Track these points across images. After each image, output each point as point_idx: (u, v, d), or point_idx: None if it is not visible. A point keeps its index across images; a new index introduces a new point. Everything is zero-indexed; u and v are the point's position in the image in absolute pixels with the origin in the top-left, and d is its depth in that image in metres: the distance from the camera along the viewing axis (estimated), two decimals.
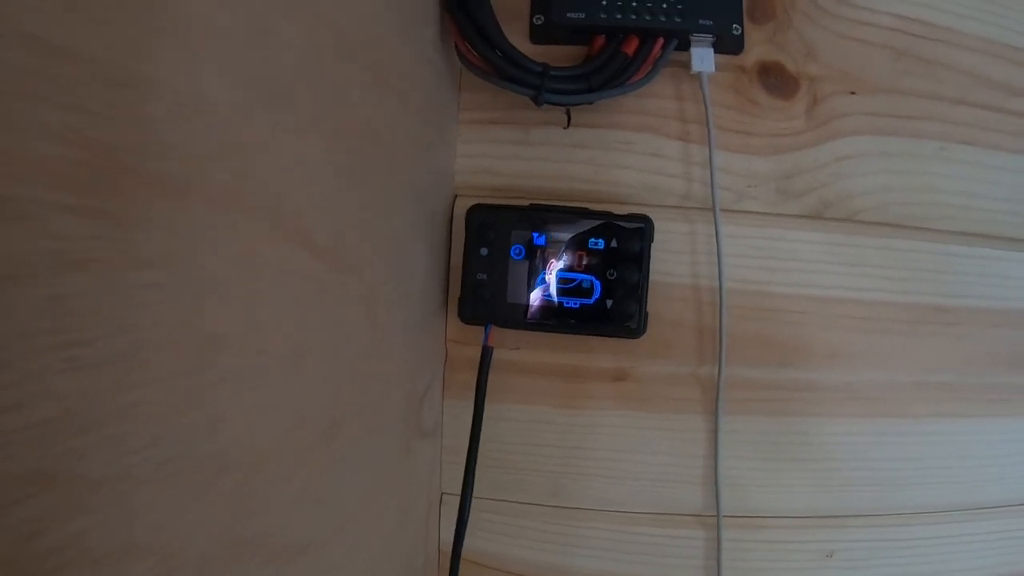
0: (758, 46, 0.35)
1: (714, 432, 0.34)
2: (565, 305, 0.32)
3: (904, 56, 0.36)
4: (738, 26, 0.34)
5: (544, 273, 0.32)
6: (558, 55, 0.34)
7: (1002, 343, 0.38)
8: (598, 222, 0.32)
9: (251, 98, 0.16)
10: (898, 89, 0.36)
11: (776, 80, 0.35)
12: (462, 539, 0.33)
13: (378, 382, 0.26)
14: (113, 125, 0.11)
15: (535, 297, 0.32)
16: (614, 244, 0.32)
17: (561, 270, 0.32)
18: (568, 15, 0.33)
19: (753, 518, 0.35)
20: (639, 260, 0.32)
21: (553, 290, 0.32)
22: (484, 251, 0.32)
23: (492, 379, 0.32)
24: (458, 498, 0.32)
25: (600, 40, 0.33)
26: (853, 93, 0.35)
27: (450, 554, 0.33)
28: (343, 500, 0.24)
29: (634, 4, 0.32)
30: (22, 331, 0.10)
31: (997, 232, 0.37)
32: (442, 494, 0.36)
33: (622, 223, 0.32)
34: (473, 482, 0.32)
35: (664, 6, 0.32)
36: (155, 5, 0.12)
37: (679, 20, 0.33)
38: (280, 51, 0.17)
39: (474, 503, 0.33)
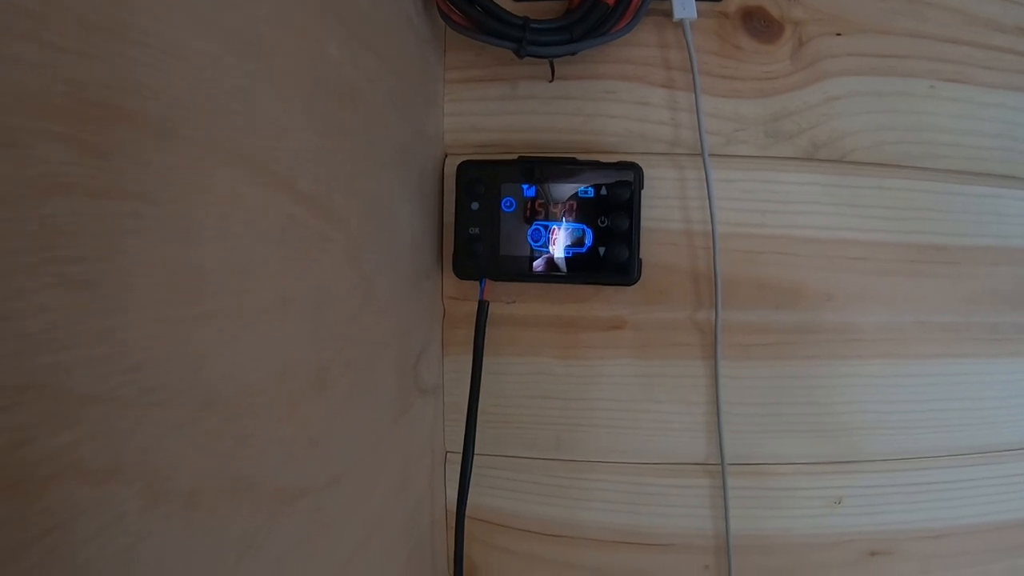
0: None
1: (714, 378, 0.36)
2: (558, 255, 0.34)
3: None
4: None
5: (536, 224, 0.34)
6: (540, 9, 0.36)
7: (1004, 281, 0.39)
8: (587, 171, 0.34)
9: (227, 48, 0.18)
10: (885, 29, 0.38)
11: (760, 24, 0.37)
12: (466, 497, 0.35)
13: (368, 336, 0.28)
14: (95, 64, 0.13)
15: (528, 248, 0.34)
16: (604, 192, 0.34)
17: (551, 219, 0.34)
18: None
19: (759, 464, 0.37)
20: (629, 207, 0.34)
21: (545, 240, 0.34)
22: (475, 206, 0.35)
23: (490, 333, 0.35)
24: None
25: None
26: (839, 34, 0.37)
27: (455, 513, 0.35)
28: (338, 451, 0.25)
29: None
30: (12, 248, 0.12)
31: (991, 170, 0.39)
32: (446, 453, 0.38)
33: (611, 171, 0.34)
34: (474, 438, 0.35)
35: None
36: None
37: None
38: (253, 3, 0.19)
39: (478, 460, 0.36)
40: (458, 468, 0.35)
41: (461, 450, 0.35)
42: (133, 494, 0.15)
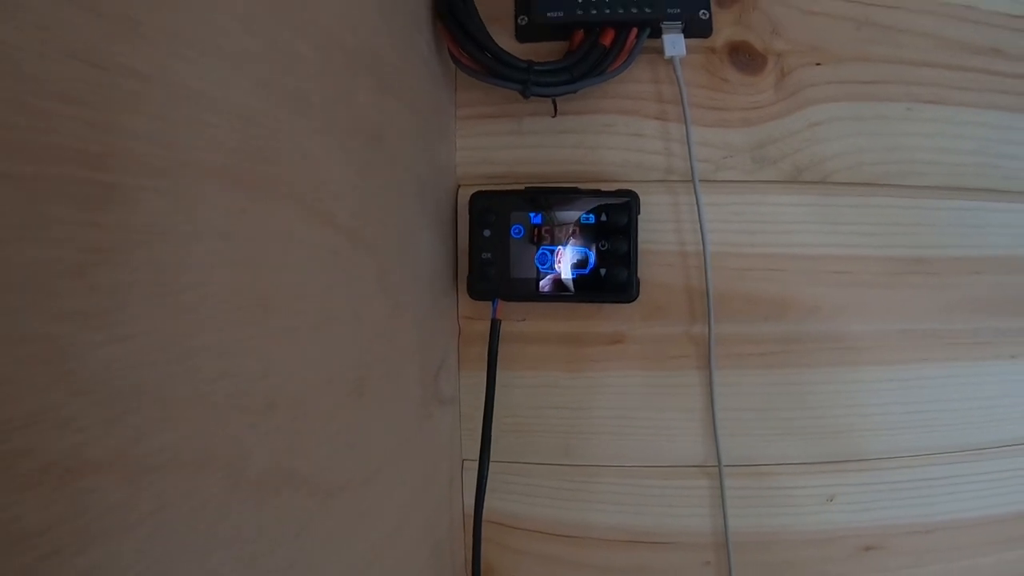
0: (726, 28, 0.40)
1: (709, 386, 0.39)
2: (564, 276, 0.38)
3: (865, 25, 0.42)
4: (706, 11, 0.40)
5: (542, 249, 0.38)
6: (542, 51, 0.40)
7: (982, 289, 0.42)
8: (588, 199, 0.38)
9: (278, 105, 0.22)
10: (862, 57, 0.41)
11: (745, 58, 0.40)
12: (482, 501, 0.39)
13: (395, 350, 0.32)
14: (185, 129, 0.17)
15: (536, 271, 0.38)
16: (604, 218, 0.38)
17: (557, 243, 0.38)
18: (548, 14, 0.39)
19: (753, 466, 0.40)
20: (627, 231, 0.38)
21: (551, 263, 0.38)
22: (487, 233, 0.38)
23: (502, 349, 0.38)
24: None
25: (579, 35, 0.39)
26: (818, 64, 0.41)
27: (472, 515, 0.39)
28: (372, 452, 0.29)
29: (607, 0, 0.38)
30: (131, 280, 0.15)
31: (968, 184, 0.42)
32: (463, 460, 0.41)
33: (610, 199, 0.38)
34: (490, 445, 0.38)
35: (633, 1, 0.38)
36: (183, 34, 0.18)
37: (649, 10, 0.38)
38: (298, 65, 0.23)
39: (493, 467, 0.39)
40: (474, 474, 0.39)
41: (477, 457, 0.38)
42: (218, 480, 0.18)
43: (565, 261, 0.38)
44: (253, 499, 0.20)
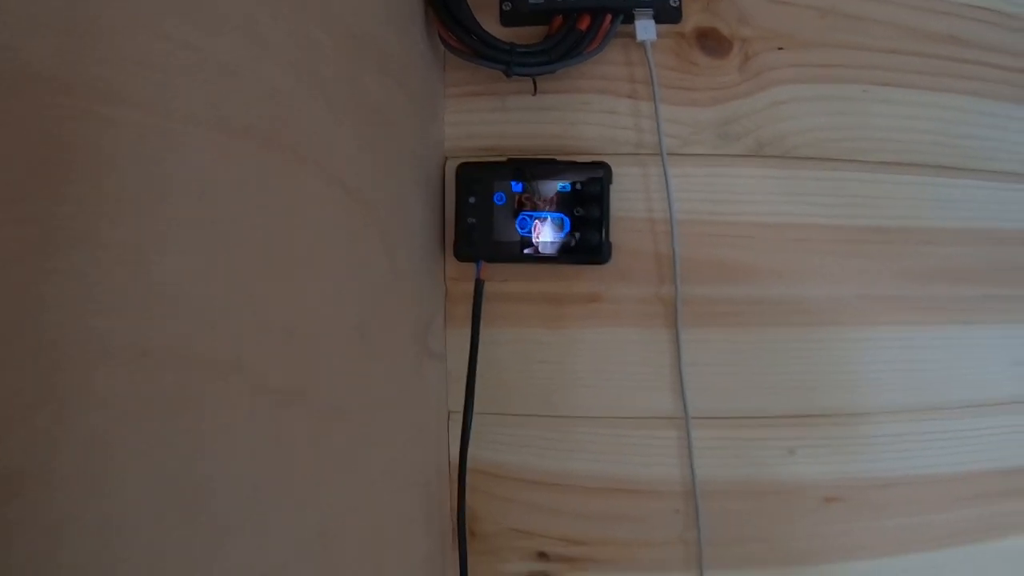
0: (695, 15, 0.44)
1: (676, 343, 0.43)
2: (542, 240, 0.42)
3: (829, 14, 0.45)
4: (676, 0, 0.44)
5: (523, 215, 0.42)
6: (524, 34, 0.43)
7: (937, 259, 0.46)
8: (565, 170, 0.42)
9: (306, 85, 0.26)
10: (823, 42, 0.45)
11: (712, 43, 0.44)
12: (467, 450, 0.42)
13: (391, 304, 0.36)
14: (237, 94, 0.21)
15: (517, 235, 0.42)
16: (579, 187, 0.42)
17: (536, 210, 0.42)
18: (530, 1, 0.43)
19: (719, 419, 0.44)
20: (600, 199, 0.41)
21: (531, 228, 0.42)
22: (472, 200, 0.42)
23: (486, 308, 0.42)
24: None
25: (558, 19, 0.43)
26: (781, 49, 0.44)
27: (458, 463, 0.42)
28: (371, 388, 0.33)
29: None
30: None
31: (923, 161, 0.46)
32: (449, 412, 0.45)
33: (585, 170, 0.41)
34: (473, 397, 0.42)
35: None
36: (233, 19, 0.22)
37: None
38: (320, 52, 0.27)
39: (478, 418, 0.43)
40: (460, 425, 0.42)
41: (462, 408, 0.42)
42: (241, 382, 0.22)
43: (544, 226, 0.42)
44: (271, 406, 0.24)
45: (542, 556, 0.46)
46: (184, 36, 0.19)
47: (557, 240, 0.41)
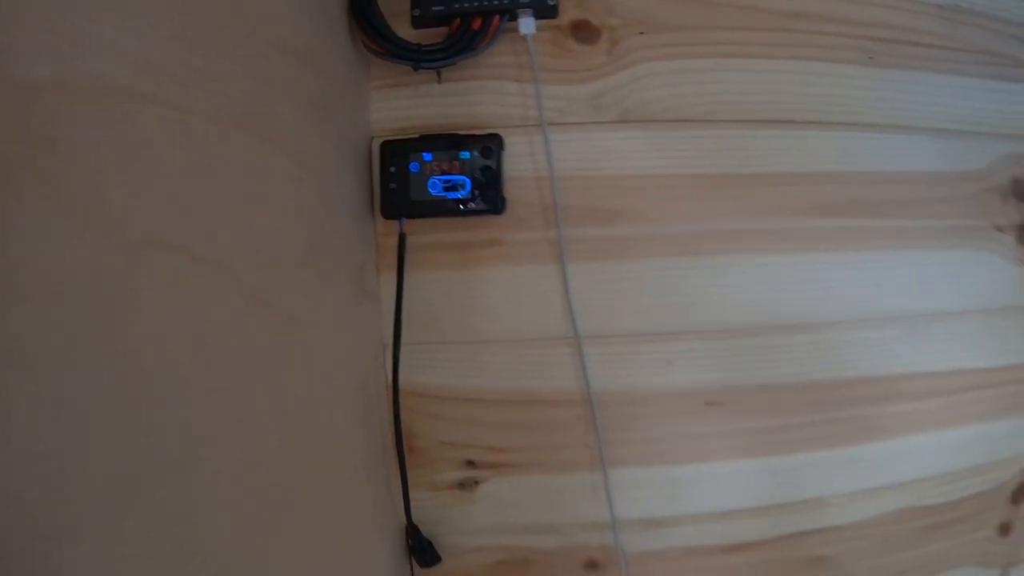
0: (570, 10, 0.54)
1: (563, 275, 0.53)
2: (449, 197, 0.52)
3: (684, 2, 0.55)
4: None
5: (433, 178, 0.52)
6: (432, 35, 0.54)
7: (786, 197, 0.55)
8: (466, 141, 0.52)
9: (265, 86, 0.36)
10: (679, 26, 0.55)
11: (584, 32, 0.54)
12: (398, 374, 0.52)
13: (331, 243, 0.46)
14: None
15: (429, 195, 0.52)
16: (477, 154, 0.52)
17: (444, 174, 0.52)
18: (433, 8, 0.53)
19: (604, 337, 0.54)
20: (495, 163, 0.51)
21: (440, 189, 0.52)
22: (393, 169, 0.52)
23: (408, 257, 0.52)
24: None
25: (456, 21, 0.53)
26: (642, 33, 0.55)
27: (392, 386, 0.53)
28: (316, 307, 0.43)
29: None
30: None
31: (768, 117, 0.55)
32: (384, 345, 0.55)
33: (482, 140, 0.52)
34: (401, 329, 0.52)
35: None
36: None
37: (508, 1, 0.53)
38: (271, 61, 0.38)
39: (406, 348, 0.53)
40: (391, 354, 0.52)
41: (392, 339, 0.52)
42: (226, 279, 0.32)
43: (451, 187, 0.52)
44: (244, 303, 0.34)
45: (470, 464, 0.56)
46: (189, 60, 0.30)
47: (462, 197, 0.52)
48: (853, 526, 0.62)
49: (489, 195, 0.51)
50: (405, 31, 0.53)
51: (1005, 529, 0.70)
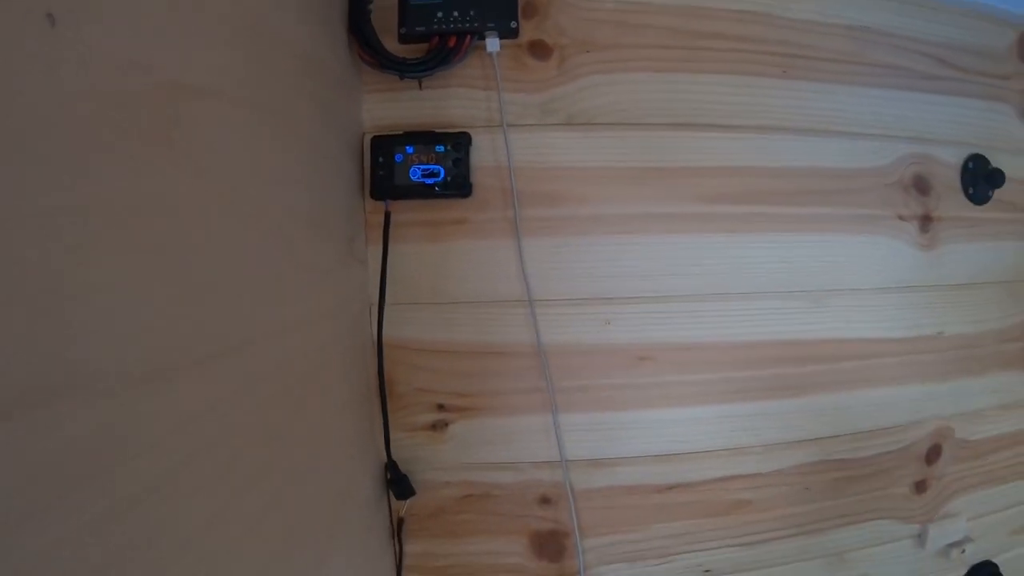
0: (528, 32, 0.66)
1: (518, 249, 0.64)
2: (427, 183, 0.64)
3: (621, 25, 0.67)
4: (515, 22, 0.66)
5: (414, 167, 0.64)
6: (415, 50, 0.66)
7: (704, 188, 0.67)
8: (441, 137, 0.64)
9: (281, 88, 0.48)
10: (618, 44, 0.67)
11: (539, 50, 0.66)
12: (382, 329, 0.64)
13: (329, 213, 0.58)
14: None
15: (410, 181, 0.64)
16: (450, 148, 0.64)
17: (423, 164, 0.64)
18: (416, 28, 0.65)
19: (552, 300, 0.65)
20: (465, 155, 0.63)
21: (419, 175, 0.64)
22: (381, 159, 0.64)
23: (392, 231, 0.64)
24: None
25: (435, 39, 0.65)
26: (588, 51, 0.66)
27: (376, 339, 0.64)
28: (320, 260, 0.55)
29: (452, 18, 0.65)
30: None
31: (690, 121, 0.67)
32: (370, 306, 0.66)
33: (454, 137, 0.64)
34: (385, 291, 0.63)
35: (468, 18, 0.65)
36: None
37: (477, 24, 0.65)
38: (280, 68, 0.50)
39: (389, 308, 0.64)
40: (376, 312, 0.64)
41: (378, 299, 0.63)
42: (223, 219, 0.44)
43: (428, 174, 0.64)
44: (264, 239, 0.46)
45: (440, 407, 0.67)
46: (243, 64, 0.42)
47: (437, 183, 0.64)
48: (774, 473, 0.72)
49: (459, 181, 0.63)
50: (393, 46, 0.65)
51: (921, 486, 0.80)
